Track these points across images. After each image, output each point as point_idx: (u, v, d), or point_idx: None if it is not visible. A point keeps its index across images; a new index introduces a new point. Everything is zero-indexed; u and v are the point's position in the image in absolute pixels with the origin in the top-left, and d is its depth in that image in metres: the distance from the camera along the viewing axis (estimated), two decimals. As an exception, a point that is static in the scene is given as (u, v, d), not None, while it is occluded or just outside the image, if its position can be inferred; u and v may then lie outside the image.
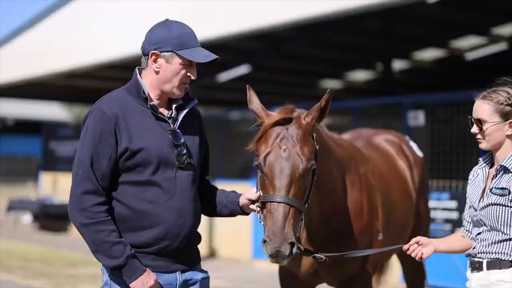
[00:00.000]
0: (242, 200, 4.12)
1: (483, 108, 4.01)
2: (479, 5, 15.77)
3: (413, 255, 4.19)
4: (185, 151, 3.86)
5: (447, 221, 11.12)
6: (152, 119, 3.84)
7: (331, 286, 5.42)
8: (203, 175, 4.18)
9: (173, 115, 3.91)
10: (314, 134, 4.31)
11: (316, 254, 4.43)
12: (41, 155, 23.35)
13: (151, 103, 3.85)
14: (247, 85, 4.30)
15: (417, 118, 11.95)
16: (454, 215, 11.12)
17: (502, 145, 4.03)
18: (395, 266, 9.40)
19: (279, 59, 20.00)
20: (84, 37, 17.48)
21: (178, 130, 3.88)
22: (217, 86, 22.96)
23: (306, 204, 4.17)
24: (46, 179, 22.01)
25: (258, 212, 4.06)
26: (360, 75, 23.77)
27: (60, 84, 22.40)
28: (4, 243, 16.80)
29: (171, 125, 3.87)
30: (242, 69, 20.40)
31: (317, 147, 4.29)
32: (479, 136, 4.05)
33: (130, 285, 3.70)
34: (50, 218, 19.89)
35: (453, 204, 11.17)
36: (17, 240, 17.81)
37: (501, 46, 20.11)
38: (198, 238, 4.00)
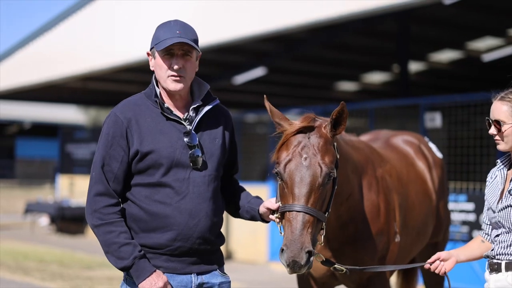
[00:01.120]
0: (262, 209, 4.10)
1: (501, 109, 3.99)
2: (496, 6, 15.69)
3: (436, 271, 4.20)
4: (200, 153, 3.86)
5: (464, 223, 11.07)
6: (166, 121, 3.87)
7: (348, 288, 5.43)
8: (230, 174, 4.20)
9: (188, 117, 3.92)
10: (335, 143, 4.30)
11: (337, 266, 4.39)
12: (58, 157, 23.44)
13: (164, 106, 3.89)
14: (265, 96, 4.26)
15: (434, 119, 11.89)
16: (471, 217, 11.06)
17: (520, 147, 4.01)
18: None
19: (295, 61, 19.99)
20: (101, 40, 17.55)
21: (193, 132, 3.88)
22: (233, 89, 22.98)
23: (327, 213, 4.14)
24: (63, 181, 22.10)
25: (278, 223, 4.05)
26: (376, 77, 23.71)
27: (77, 87, 22.49)
28: (21, 246, 16.90)
29: (187, 126, 3.88)
30: (258, 72, 20.39)
31: (338, 156, 4.28)
32: (497, 137, 4.02)
33: (139, 286, 3.72)
34: (67, 220, 19.99)
35: (470, 206, 11.11)
36: (34, 242, 17.90)
37: (518, 47, 20.02)
38: (218, 240, 3.97)
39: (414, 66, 21.19)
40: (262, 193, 14.22)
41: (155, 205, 3.79)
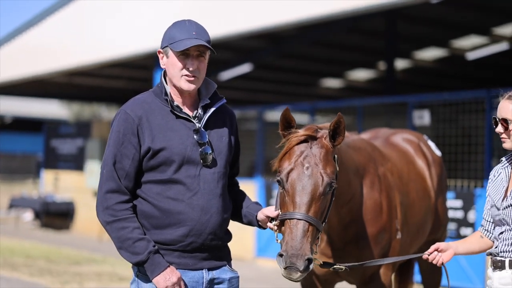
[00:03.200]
0: (260, 216, 4.15)
1: (509, 108, 4.05)
2: (481, 5, 15.80)
3: (434, 262, 4.26)
4: (210, 150, 3.91)
5: (452, 220, 11.15)
6: (176, 119, 3.91)
7: (351, 284, 5.48)
8: (231, 174, 4.24)
9: (198, 115, 3.97)
10: (336, 156, 4.36)
11: (336, 266, 4.45)
12: (42, 152, 23.33)
13: (174, 104, 3.93)
14: (286, 107, 4.27)
15: (422, 117, 11.97)
16: (459, 214, 11.15)
17: (526, 146, 4.07)
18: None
19: (281, 58, 20.03)
20: (87, 36, 17.49)
21: (202, 129, 3.94)
22: (219, 85, 22.91)
23: (323, 223, 4.21)
24: (47, 176, 22.01)
25: (276, 231, 4.10)
26: (361, 74, 23.79)
27: (62, 82, 22.40)
28: (6, 241, 16.81)
29: (196, 124, 3.93)
30: (244, 68, 20.43)
31: (338, 168, 4.34)
32: (504, 135, 4.08)
33: (153, 280, 3.76)
34: (52, 215, 19.95)
35: (458, 203, 11.20)
36: (19, 237, 17.83)
37: (502, 46, 20.14)
38: (227, 236, 4.03)
39: (399, 64, 21.29)
40: (250, 189, 14.27)
41: (167, 201, 3.82)
